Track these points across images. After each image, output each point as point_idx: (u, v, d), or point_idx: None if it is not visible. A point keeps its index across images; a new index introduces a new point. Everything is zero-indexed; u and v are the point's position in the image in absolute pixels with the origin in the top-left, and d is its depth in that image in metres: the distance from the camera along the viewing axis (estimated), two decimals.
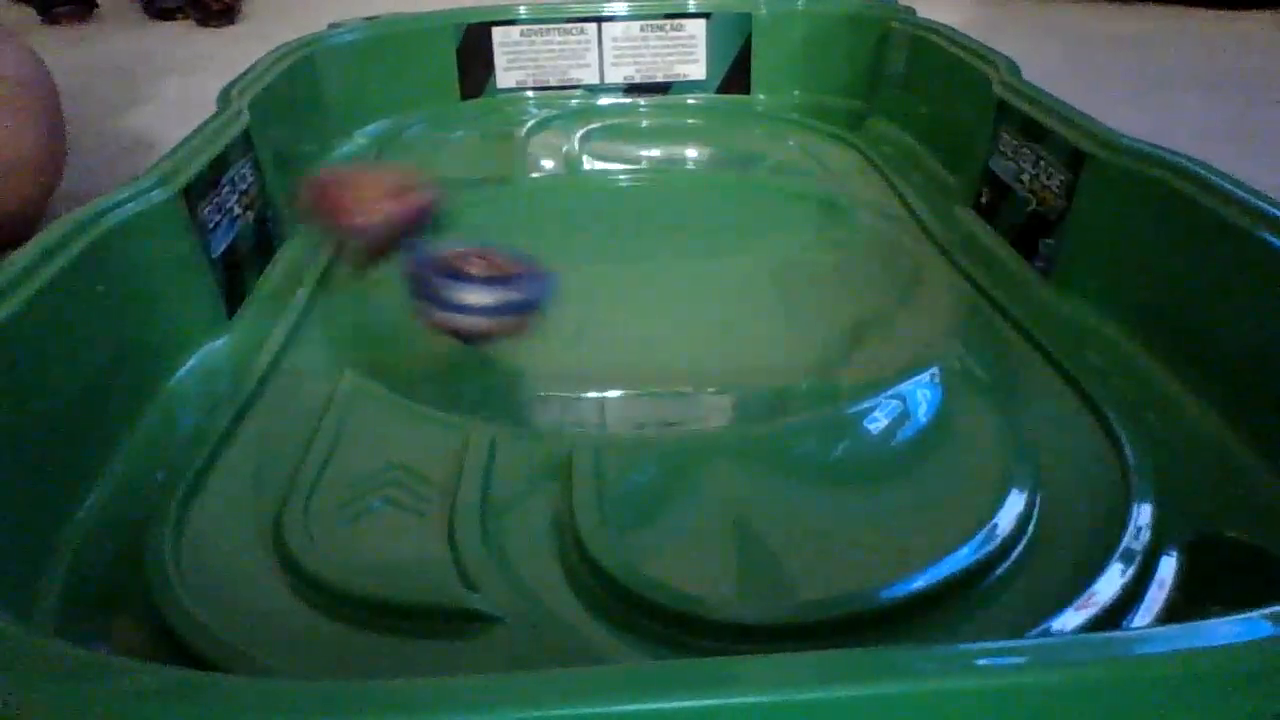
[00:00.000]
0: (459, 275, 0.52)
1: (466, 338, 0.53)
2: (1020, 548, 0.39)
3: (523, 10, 0.98)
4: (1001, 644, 0.26)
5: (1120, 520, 0.40)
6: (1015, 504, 0.41)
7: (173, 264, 0.52)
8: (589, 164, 0.86)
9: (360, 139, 0.91)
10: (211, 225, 0.57)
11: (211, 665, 0.34)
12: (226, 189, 0.60)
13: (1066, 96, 0.64)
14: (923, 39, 0.85)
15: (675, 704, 0.22)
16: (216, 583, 0.38)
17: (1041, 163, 0.62)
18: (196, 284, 0.55)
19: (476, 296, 0.51)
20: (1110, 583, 0.37)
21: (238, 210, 0.61)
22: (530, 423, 0.51)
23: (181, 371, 0.52)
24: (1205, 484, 0.42)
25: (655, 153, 0.91)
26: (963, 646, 0.28)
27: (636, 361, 0.55)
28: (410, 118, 0.94)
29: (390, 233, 0.55)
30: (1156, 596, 0.37)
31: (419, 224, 0.56)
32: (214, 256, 0.56)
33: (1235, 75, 1.25)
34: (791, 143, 0.90)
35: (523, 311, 0.52)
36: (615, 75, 1.00)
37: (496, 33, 0.97)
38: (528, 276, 0.53)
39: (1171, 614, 0.36)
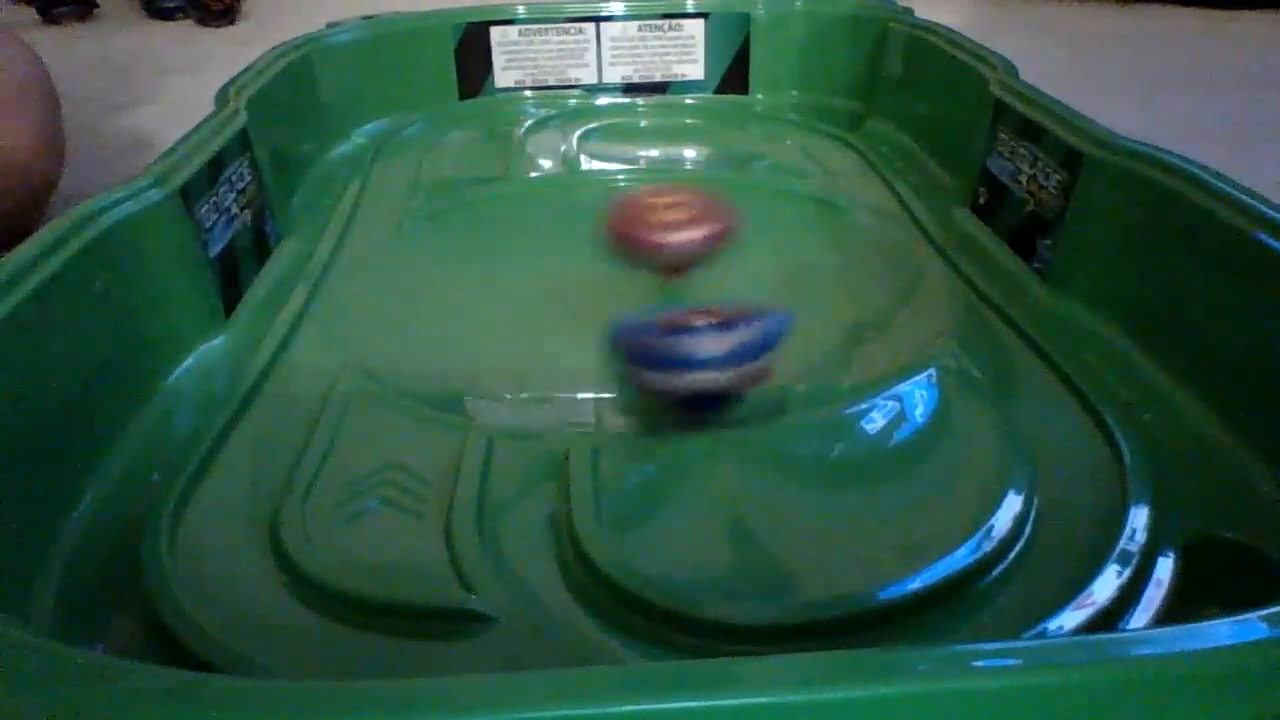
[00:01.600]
0: (685, 329, 0.45)
1: (708, 400, 0.47)
2: (1017, 548, 0.39)
3: (521, 10, 0.97)
4: (998, 645, 0.26)
5: (1117, 521, 0.40)
6: (1012, 504, 0.41)
7: (170, 264, 0.52)
8: (587, 164, 0.86)
9: (358, 138, 0.91)
10: (209, 225, 0.57)
11: (207, 666, 0.33)
12: (224, 188, 0.60)
13: (1064, 96, 0.64)
14: (921, 39, 0.85)
15: (674, 704, 0.22)
16: (213, 583, 0.38)
17: (1039, 163, 0.62)
18: (194, 284, 0.54)
19: (712, 344, 0.44)
20: (1107, 583, 0.37)
21: (235, 210, 0.61)
22: (527, 422, 0.51)
23: (178, 371, 0.52)
24: (1202, 485, 0.42)
25: (653, 153, 0.91)
26: (960, 647, 0.28)
27: None
28: (408, 117, 0.94)
29: (689, 257, 0.51)
30: (1153, 597, 0.37)
31: (716, 247, 0.52)
32: (211, 256, 0.56)
33: (1233, 75, 1.25)
34: (789, 143, 0.90)
35: (763, 352, 0.45)
36: (613, 75, 1.00)
37: (495, 32, 0.97)
38: (759, 316, 0.46)
39: (1168, 615, 0.36)
